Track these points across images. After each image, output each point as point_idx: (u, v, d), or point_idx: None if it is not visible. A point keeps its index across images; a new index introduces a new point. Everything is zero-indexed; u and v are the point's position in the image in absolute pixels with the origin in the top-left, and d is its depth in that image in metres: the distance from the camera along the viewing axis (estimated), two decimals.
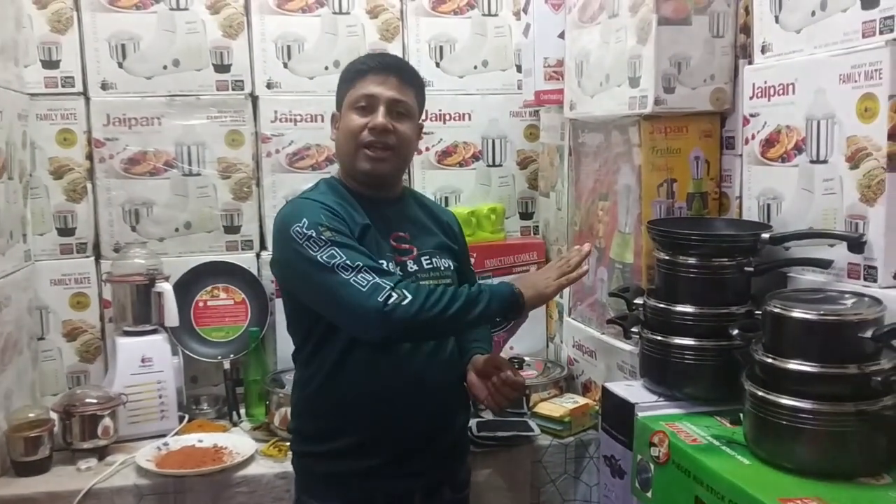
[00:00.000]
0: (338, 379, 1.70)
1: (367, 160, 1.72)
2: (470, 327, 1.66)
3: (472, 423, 2.15)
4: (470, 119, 2.67)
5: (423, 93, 1.84)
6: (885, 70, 1.47)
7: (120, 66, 2.43)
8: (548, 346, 2.65)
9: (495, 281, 2.49)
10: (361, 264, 1.56)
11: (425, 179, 2.64)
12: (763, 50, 1.81)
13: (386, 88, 1.71)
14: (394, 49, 2.61)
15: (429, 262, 1.76)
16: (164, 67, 2.45)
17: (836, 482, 1.34)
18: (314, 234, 1.59)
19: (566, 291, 2.46)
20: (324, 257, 1.57)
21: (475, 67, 2.68)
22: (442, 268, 1.78)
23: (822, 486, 1.33)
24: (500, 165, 2.71)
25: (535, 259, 2.61)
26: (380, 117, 1.69)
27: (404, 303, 1.53)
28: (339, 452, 1.72)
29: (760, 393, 1.43)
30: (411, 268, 1.74)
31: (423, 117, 1.87)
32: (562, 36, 2.34)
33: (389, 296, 1.53)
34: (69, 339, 2.44)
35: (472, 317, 1.60)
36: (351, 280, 1.55)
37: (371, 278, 1.55)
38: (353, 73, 1.76)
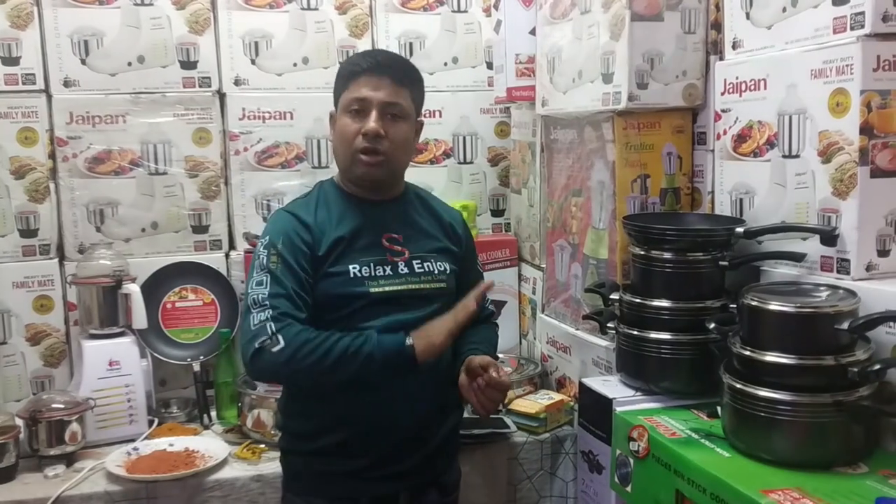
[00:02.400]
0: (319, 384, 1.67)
1: (361, 166, 1.69)
2: (353, 379, 1.62)
3: None
4: (441, 116, 2.65)
5: (422, 88, 1.80)
6: (856, 65, 1.49)
7: (83, 62, 2.37)
8: (521, 342, 2.65)
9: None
10: (269, 303, 1.60)
11: None
12: (734, 46, 1.83)
13: (378, 91, 1.67)
14: (363, 47, 2.58)
15: (420, 265, 1.74)
16: (129, 64, 2.40)
17: (815, 472, 1.36)
18: (264, 256, 1.66)
19: (538, 288, 2.47)
20: (253, 283, 1.65)
21: (445, 64, 2.66)
22: (436, 272, 1.75)
23: (802, 477, 1.35)
24: (472, 163, 2.71)
25: (507, 255, 2.61)
26: (371, 122, 1.66)
27: (275, 349, 1.57)
28: (324, 452, 1.70)
29: (738, 385, 1.45)
30: (402, 270, 1.72)
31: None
32: (533, 32, 2.34)
33: (264, 340, 1.58)
34: (32, 344, 2.37)
35: (350, 372, 1.60)
36: (251, 315, 1.62)
37: (264, 318, 1.59)
38: (347, 74, 1.72)
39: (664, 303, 1.73)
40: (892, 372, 1.40)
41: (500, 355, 2.44)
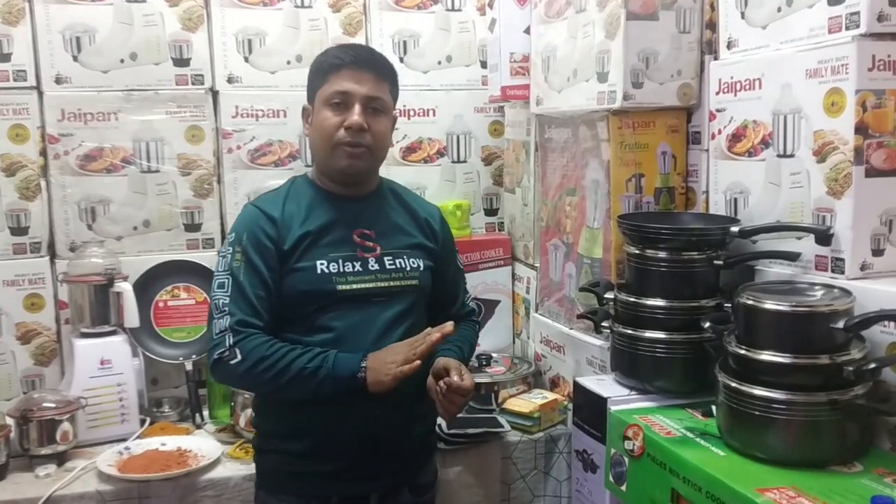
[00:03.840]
0: None
1: (344, 158, 1.68)
2: (305, 398, 1.62)
3: (442, 420, 2.13)
4: (434, 115, 2.65)
5: (397, 83, 1.80)
6: (851, 65, 1.49)
7: (75, 59, 2.35)
8: (514, 342, 2.65)
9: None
10: (228, 310, 1.62)
11: (390, 175, 2.54)
12: (729, 45, 1.83)
13: (361, 85, 1.67)
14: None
15: (392, 262, 1.72)
16: (122, 61, 2.38)
17: (810, 471, 1.37)
18: (229, 255, 1.67)
19: (532, 288, 2.46)
20: (216, 285, 1.67)
21: (439, 63, 2.66)
22: (408, 268, 1.73)
23: (797, 475, 1.35)
24: (465, 162, 2.70)
25: (501, 255, 2.61)
26: (355, 116, 1.65)
27: (232, 362, 1.60)
28: (294, 453, 1.68)
29: (734, 384, 1.45)
30: (372, 266, 1.70)
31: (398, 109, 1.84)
32: (528, 31, 2.34)
33: (223, 352, 1.61)
34: (23, 342, 2.35)
35: (305, 392, 1.60)
36: (213, 321, 1.65)
37: (224, 327, 1.62)
38: (327, 67, 1.71)
39: (659, 302, 1.74)
40: (886, 371, 1.41)
41: (494, 354, 2.45)
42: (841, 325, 1.38)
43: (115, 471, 1.94)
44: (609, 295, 1.85)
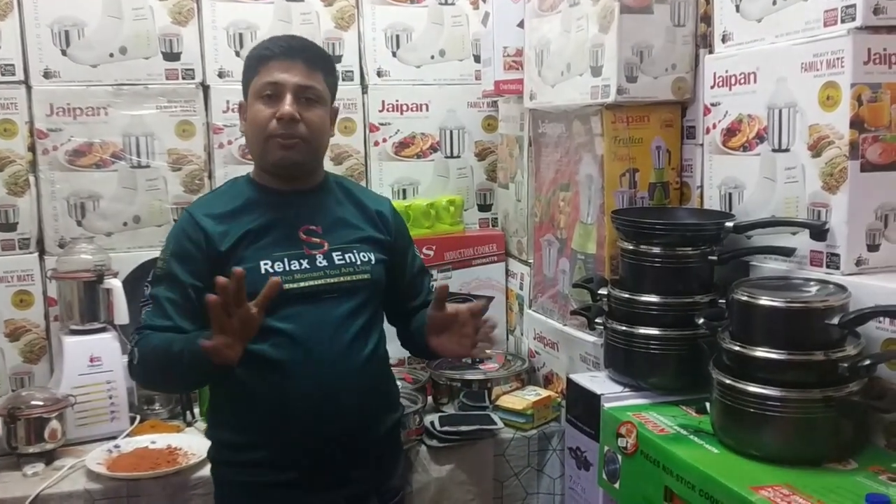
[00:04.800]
0: (239, 392, 1.62)
1: (277, 150, 1.63)
2: (191, 387, 1.65)
3: (434, 417, 2.13)
4: (427, 110, 2.63)
5: (335, 74, 1.74)
6: (847, 58, 1.48)
7: (63, 53, 2.32)
8: (508, 338, 2.63)
9: (454, 274, 2.49)
10: (143, 318, 1.66)
11: (382, 171, 2.60)
12: (724, 39, 1.81)
13: (291, 75, 1.61)
14: (349, 39, 2.56)
15: (341, 257, 1.67)
16: (111, 55, 2.35)
17: (804, 468, 1.35)
18: (157, 268, 1.68)
19: (526, 284, 2.45)
20: (147, 294, 1.70)
21: (432, 57, 2.64)
22: (358, 263, 1.68)
23: (791, 473, 1.34)
24: (459, 157, 2.68)
25: (494, 251, 2.59)
26: (286, 106, 1.60)
27: (134, 362, 1.62)
28: (253, 463, 1.63)
29: (728, 381, 1.44)
30: (321, 262, 1.65)
31: (337, 101, 1.77)
32: (521, 25, 2.32)
33: (130, 354, 1.63)
34: (12, 339, 2.33)
35: (191, 376, 1.60)
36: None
37: (137, 336, 1.62)
38: (257, 60, 1.66)
39: (653, 298, 1.72)
40: (882, 367, 1.40)
41: (488, 351, 2.43)
42: (836, 321, 1.36)
43: (104, 469, 1.92)
44: (603, 291, 1.84)
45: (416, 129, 2.62)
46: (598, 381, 1.81)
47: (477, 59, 2.62)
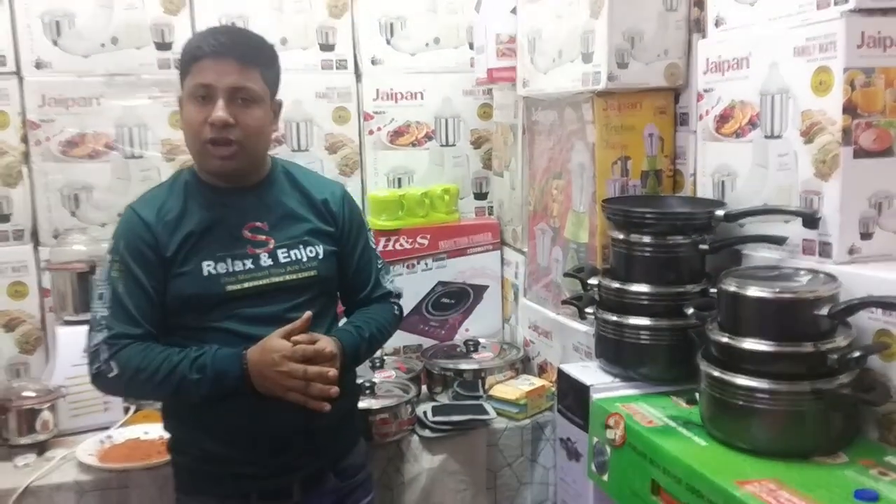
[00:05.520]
0: None
1: (212, 159, 1.58)
2: (198, 402, 1.59)
3: (427, 407, 2.11)
4: (422, 98, 2.60)
5: (275, 65, 1.66)
6: (839, 42, 1.44)
7: (55, 43, 2.31)
8: (503, 327, 2.61)
9: (448, 263, 2.47)
10: (105, 323, 1.57)
11: (377, 160, 2.58)
12: (717, 23, 1.78)
13: (223, 75, 1.53)
14: (343, 26, 2.53)
15: (286, 254, 1.63)
16: (102, 45, 2.34)
17: (793, 462, 1.33)
18: (108, 263, 1.61)
19: (520, 273, 2.43)
20: (95, 296, 1.61)
21: (427, 45, 2.61)
22: (304, 259, 1.65)
23: (780, 466, 1.32)
24: (454, 145, 2.65)
25: (489, 239, 2.57)
26: (219, 111, 1.53)
27: (110, 375, 1.55)
28: (207, 454, 1.62)
29: (716, 373, 1.41)
30: (265, 262, 1.62)
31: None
32: (514, 11, 2.29)
33: (99, 366, 1.56)
34: (7, 330, 2.33)
35: (195, 398, 1.57)
36: (90, 333, 1.59)
37: (99, 340, 1.56)
38: (189, 58, 1.58)
39: (643, 288, 1.69)
40: (874, 359, 1.37)
41: (482, 340, 2.42)
42: (825, 311, 1.34)
43: (96, 460, 1.92)
44: (593, 280, 1.81)
45: (411, 117, 2.60)
46: (589, 372, 1.79)
47: (472, 46, 2.58)
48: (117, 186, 2.38)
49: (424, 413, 2.09)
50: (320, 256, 1.67)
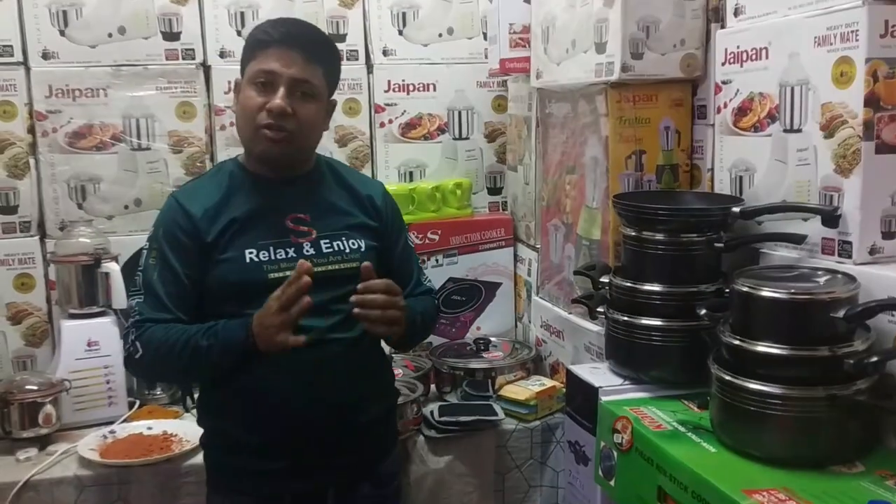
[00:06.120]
0: (227, 379, 1.59)
1: (263, 142, 1.58)
2: (213, 374, 1.59)
3: (434, 407, 2.07)
4: (435, 90, 2.55)
5: (336, 68, 1.68)
6: (862, 31, 1.37)
7: (62, 33, 2.29)
8: (516, 326, 2.56)
9: (460, 259, 2.42)
10: (137, 309, 1.59)
11: (388, 153, 2.53)
12: (736, 12, 1.71)
13: (288, 66, 1.55)
14: (354, 17, 2.49)
15: (329, 245, 1.62)
16: (109, 35, 2.31)
17: (806, 471, 1.27)
18: (146, 251, 1.63)
19: (533, 270, 2.37)
20: (132, 285, 1.65)
21: (440, 35, 2.55)
22: (347, 251, 1.64)
23: (791, 476, 1.26)
24: (468, 138, 2.60)
25: (502, 235, 2.52)
26: (278, 99, 1.54)
27: (137, 356, 1.57)
28: (242, 451, 1.61)
29: (727, 377, 1.35)
30: (307, 251, 1.60)
31: (342, 81, 1.73)
32: (528, 1, 2.23)
33: (129, 348, 1.59)
34: (14, 323, 2.32)
35: (209, 369, 1.58)
36: (127, 319, 1.64)
37: (132, 321, 1.59)
38: (255, 43, 1.60)
39: (656, 287, 1.63)
40: (892, 364, 1.30)
41: (493, 339, 2.38)
42: (842, 314, 1.27)
43: (97, 455, 1.90)
44: (604, 279, 1.76)
45: (424, 109, 2.55)
46: (599, 373, 1.73)
47: (486, 37, 2.53)
48: (124, 178, 2.36)
49: (431, 413, 2.04)
50: (362, 249, 1.66)
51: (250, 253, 1.59)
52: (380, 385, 1.74)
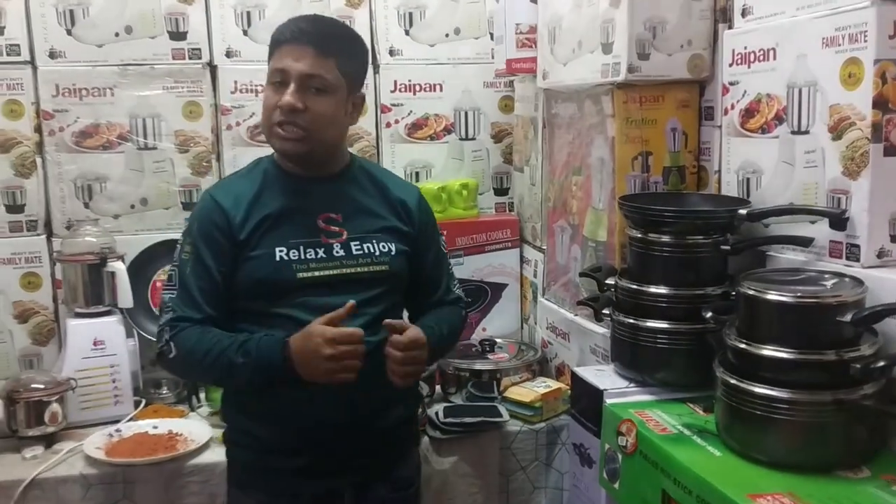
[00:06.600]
0: None
1: (278, 140, 1.59)
2: (247, 388, 1.61)
3: (439, 408, 2.06)
4: (441, 90, 2.54)
5: (356, 59, 1.66)
6: (870, 32, 1.37)
7: (69, 33, 2.29)
8: (522, 327, 2.55)
9: (466, 260, 2.41)
10: (171, 305, 1.60)
11: (395, 153, 2.53)
12: (744, 13, 1.70)
13: (298, 62, 1.55)
14: (360, 17, 2.48)
15: (359, 247, 1.63)
16: (116, 35, 2.31)
17: (812, 475, 1.26)
18: (180, 245, 1.64)
19: (539, 271, 2.36)
20: (167, 278, 1.66)
21: (447, 35, 2.54)
22: (377, 253, 1.64)
23: (796, 480, 1.25)
24: (474, 139, 2.59)
25: (508, 236, 2.51)
26: (287, 95, 1.54)
27: (170, 356, 1.59)
28: (263, 448, 1.63)
29: (733, 381, 1.35)
30: (337, 252, 1.61)
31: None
32: (535, 0, 2.22)
33: (162, 346, 1.60)
34: (20, 321, 2.33)
35: (243, 383, 1.59)
36: (161, 314, 1.63)
37: (164, 321, 1.60)
38: (273, 43, 1.62)
39: (662, 289, 1.62)
40: None
41: (499, 340, 2.37)
42: (849, 318, 1.26)
43: (103, 454, 1.90)
44: (610, 281, 1.75)
45: (430, 109, 2.54)
46: (604, 376, 1.73)
47: (493, 37, 2.52)
48: (131, 178, 2.36)
49: (436, 414, 2.04)
50: (392, 253, 1.66)
51: (280, 251, 1.59)
52: (401, 388, 1.71)
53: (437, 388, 2.23)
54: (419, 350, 1.57)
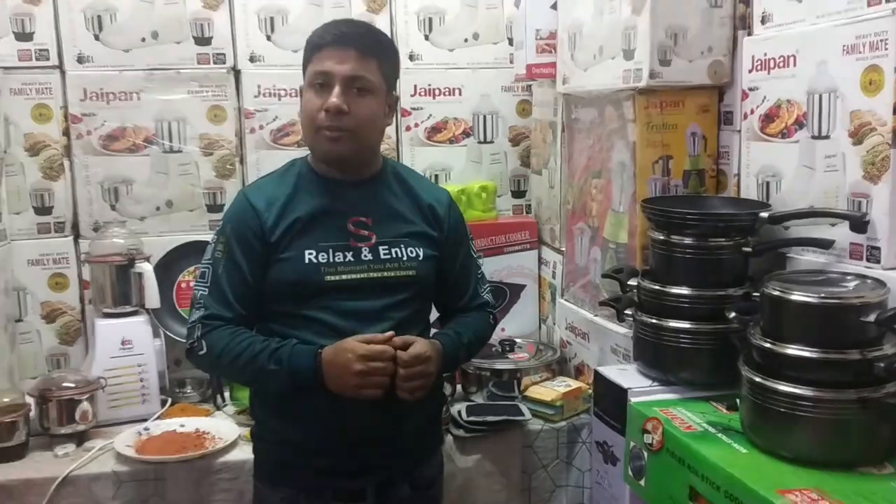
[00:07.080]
0: None
1: (324, 143, 1.60)
2: (276, 391, 1.64)
3: (462, 407, 2.10)
4: (460, 94, 2.58)
5: (392, 61, 1.70)
6: (891, 40, 1.40)
7: (96, 38, 2.34)
8: (540, 327, 2.59)
9: (483, 262, 2.44)
10: (203, 302, 1.63)
11: (414, 156, 2.57)
12: (763, 20, 1.74)
13: (342, 64, 1.57)
14: (381, 22, 2.51)
15: (387, 251, 1.65)
16: (143, 40, 2.36)
17: (837, 472, 1.30)
18: (213, 243, 1.66)
19: (558, 272, 2.40)
20: (198, 274, 1.68)
21: (466, 40, 2.58)
22: (405, 258, 1.65)
23: (822, 476, 1.28)
24: (492, 142, 2.63)
25: (527, 238, 2.55)
26: (333, 97, 1.56)
27: (200, 353, 1.62)
28: (288, 444, 1.65)
29: (758, 379, 1.38)
30: (366, 256, 1.63)
31: (400, 90, 1.74)
32: (554, 7, 2.26)
33: (193, 342, 1.63)
34: (48, 321, 2.37)
35: (273, 388, 1.63)
36: (192, 310, 1.66)
37: (196, 318, 1.63)
38: (311, 47, 1.63)
39: (684, 290, 1.66)
40: None
41: (518, 340, 2.41)
42: (872, 318, 1.29)
43: (133, 452, 1.94)
44: (632, 282, 1.78)
45: (449, 113, 2.58)
46: (627, 375, 1.76)
47: (511, 42, 2.56)
48: (156, 180, 2.41)
49: (459, 412, 2.07)
50: (420, 258, 1.68)
51: (310, 254, 1.61)
52: (433, 387, 1.72)
53: (459, 387, 2.26)
54: (423, 365, 1.59)
